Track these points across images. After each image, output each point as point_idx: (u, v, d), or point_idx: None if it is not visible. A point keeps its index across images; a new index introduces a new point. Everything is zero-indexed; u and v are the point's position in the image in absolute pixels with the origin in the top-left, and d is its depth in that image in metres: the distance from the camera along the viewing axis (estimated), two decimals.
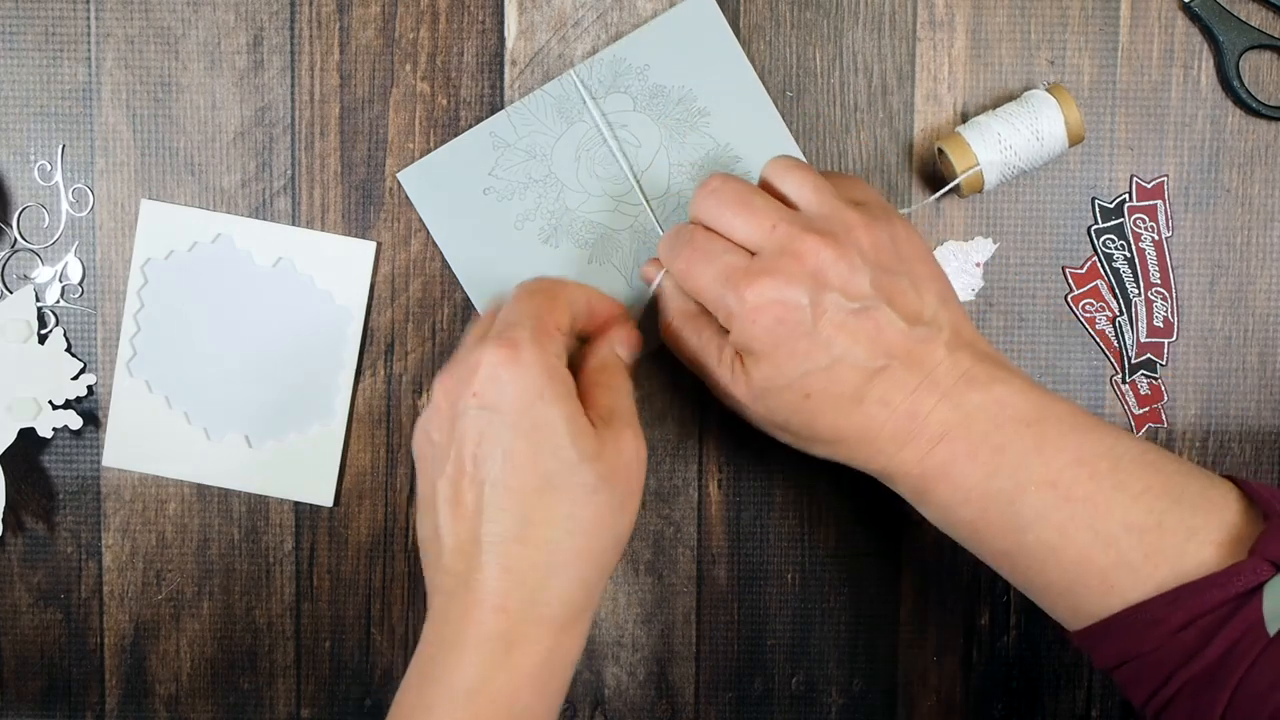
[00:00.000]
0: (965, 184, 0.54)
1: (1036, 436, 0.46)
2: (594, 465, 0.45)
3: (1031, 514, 0.46)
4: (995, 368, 0.48)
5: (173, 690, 0.60)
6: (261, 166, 0.57)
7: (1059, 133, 0.54)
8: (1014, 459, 0.46)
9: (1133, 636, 0.45)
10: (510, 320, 0.47)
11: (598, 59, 0.56)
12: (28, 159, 0.57)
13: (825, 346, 0.46)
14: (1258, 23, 0.57)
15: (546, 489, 0.45)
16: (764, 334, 0.47)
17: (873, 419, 0.47)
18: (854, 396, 0.47)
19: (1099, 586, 0.45)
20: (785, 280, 0.46)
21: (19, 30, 0.57)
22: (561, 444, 0.45)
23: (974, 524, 0.47)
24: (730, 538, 0.59)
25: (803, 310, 0.46)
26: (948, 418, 0.47)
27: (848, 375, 0.47)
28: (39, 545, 0.59)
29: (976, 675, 0.60)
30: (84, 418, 0.58)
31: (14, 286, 0.58)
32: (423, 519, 0.48)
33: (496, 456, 0.45)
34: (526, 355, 0.45)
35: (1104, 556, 0.45)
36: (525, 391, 0.45)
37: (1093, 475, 0.46)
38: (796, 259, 0.46)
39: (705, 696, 0.60)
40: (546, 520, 0.45)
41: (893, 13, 0.57)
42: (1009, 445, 0.46)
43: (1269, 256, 0.58)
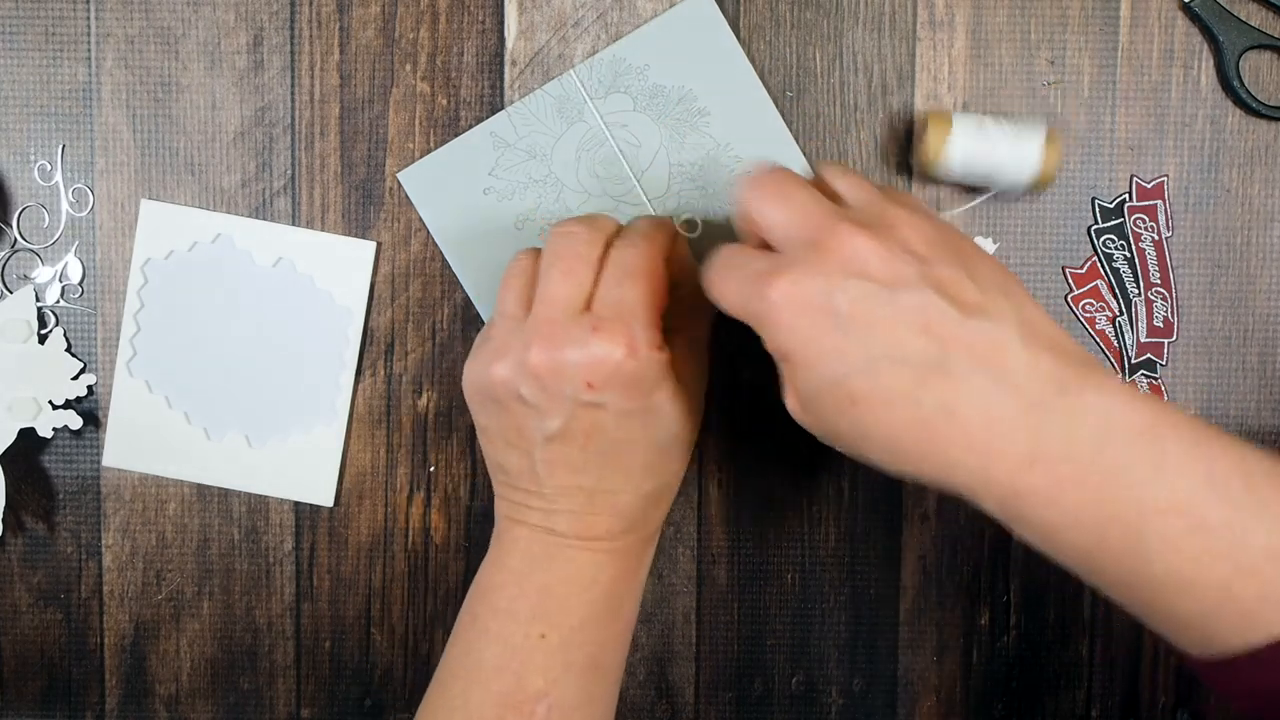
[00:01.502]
0: (930, 148, 0.54)
1: (1155, 455, 0.40)
2: (689, 420, 0.50)
3: (1159, 543, 0.39)
4: (1088, 371, 0.41)
5: (173, 690, 0.60)
6: (261, 166, 0.57)
7: (1033, 157, 0.53)
8: (1132, 482, 0.40)
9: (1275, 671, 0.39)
10: (627, 308, 0.47)
11: (598, 59, 0.56)
12: (28, 159, 0.57)
13: (861, 342, 0.41)
14: (1258, 23, 0.57)
15: (651, 453, 0.50)
16: (789, 334, 0.42)
17: (936, 431, 0.41)
18: (908, 401, 0.41)
19: (1240, 621, 0.39)
20: (807, 272, 0.42)
21: (19, 30, 0.57)
22: (667, 422, 0.49)
23: (1088, 551, 0.41)
24: (730, 538, 0.59)
25: (829, 304, 0.41)
26: (1041, 432, 0.40)
27: (895, 376, 0.41)
28: (39, 545, 0.59)
29: (976, 675, 0.60)
30: (84, 418, 0.58)
31: (14, 286, 0.58)
32: (507, 451, 0.50)
33: (608, 437, 0.48)
34: (644, 355, 0.47)
35: (1246, 589, 0.39)
36: (640, 388, 0.47)
37: (1225, 498, 0.39)
38: (824, 251, 0.42)
39: (705, 696, 0.60)
40: (648, 475, 0.50)
41: (893, 13, 0.57)
42: (1123, 468, 0.40)
43: (1269, 256, 0.58)
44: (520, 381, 0.48)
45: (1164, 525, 0.39)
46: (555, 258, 0.48)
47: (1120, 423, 0.40)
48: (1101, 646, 0.59)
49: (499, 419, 0.50)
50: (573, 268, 0.48)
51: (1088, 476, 0.40)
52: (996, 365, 0.40)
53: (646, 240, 0.49)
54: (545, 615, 0.49)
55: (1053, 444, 0.40)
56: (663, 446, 0.50)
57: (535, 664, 0.49)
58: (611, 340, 0.46)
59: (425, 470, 0.59)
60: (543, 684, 0.49)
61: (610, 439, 0.48)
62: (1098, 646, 0.59)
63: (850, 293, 0.41)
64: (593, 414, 0.47)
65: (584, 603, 0.50)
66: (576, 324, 0.47)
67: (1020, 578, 0.59)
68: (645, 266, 0.48)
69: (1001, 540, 0.59)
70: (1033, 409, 0.40)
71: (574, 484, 0.49)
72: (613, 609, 0.51)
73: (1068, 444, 0.40)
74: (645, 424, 0.49)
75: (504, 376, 0.48)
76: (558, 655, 0.49)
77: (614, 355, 0.46)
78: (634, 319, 0.47)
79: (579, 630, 0.49)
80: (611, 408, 0.47)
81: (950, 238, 0.43)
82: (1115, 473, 0.40)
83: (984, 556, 0.59)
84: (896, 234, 0.42)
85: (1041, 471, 0.40)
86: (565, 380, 0.47)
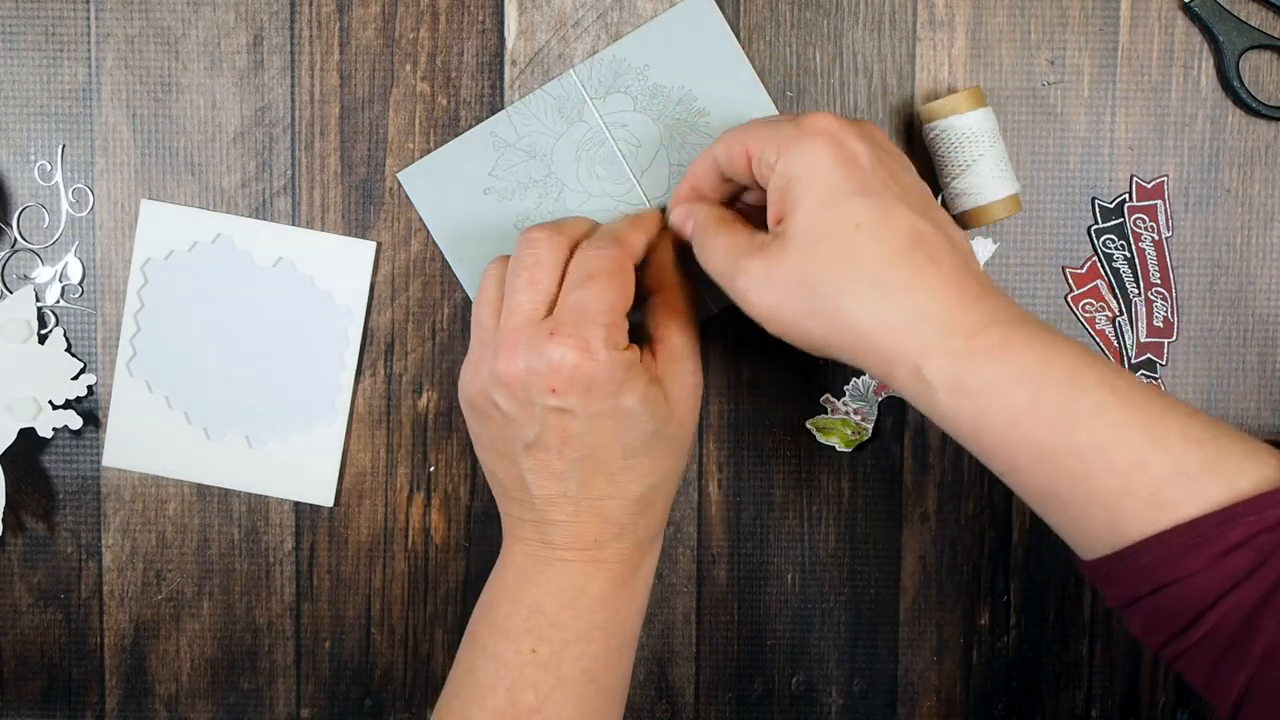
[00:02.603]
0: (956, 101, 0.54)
1: (1087, 351, 0.45)
2: (667, 425, 0.50)
3: (1089, 407, 0.43)
4: None
5: (173, 690, 0.60)
6: (261, 166, 0.57)
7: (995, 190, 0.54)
8: (1070, 359, 0.44)
9: (1178, 558, 0.41)
10: (584, 311, 0.48)
11: (598, 59, 0.56)
12: (28, 159, 0.57)
13: (879, 180, 0.45)
14: (1258, 23, 0.57)
15: (629, 455, 0.49)
16: (819, 153, 0.46)
17: (922, 273, 0.44)
18: (905, 244, 0.45)
19: (1149, 499, 0.42)
20: (843, 122, 0.47)
21: (19, 30, 0.57)
22: (639, 422, 0.49)
23: (1020, 415, 0.43)
24: (730, 538, 0.59)
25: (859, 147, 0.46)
26: (996, 308, 0.45)
27: (903, 218, 0.45)
28: (39, 545, 0.59)
29: (976, 675, 0.60)
30: (84, 418, 0.58)
31: (14, 286, 0.58)
32: (498, 460, 0.51)
33: (581, 442, 0.48)
34: (601, 356, 0.48)
35: (1159, 464, 0.42)
36: (603, 389, 0.48)
37: (1145, 390, 0.44)
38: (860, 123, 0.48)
39: (705, 696, 0.60)
40: (632, 478, 0.50)
41: (893, 13, 0.57)
42: (1062, 345, 0.44)
43: (1269, 256, 0.58)
44: (494, 392, 0.49)
45: (1096, 392, 0.43)
46: (520, 266, 0.49)
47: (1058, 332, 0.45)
48: (1101, 646, 0.59)
49: (485, 429, 0.51)
50: (535, 276, 0.49)
51: (1035, 341, 0.44)
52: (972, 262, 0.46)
53: (614, 242, 0.50)
54: (536, 630, 0.50)
55: (1007, 315, 0.45)
56: (640, 447, 0.49)
57: (527, 680, 0.49)
58: (566, 343, 0.47)
59: (425, 470, 0.59)
60: (534, 700, 0.49)
61: (584, 443, 0.49)
62: (1098, 646, 0.59)
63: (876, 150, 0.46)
64: (562, 419, 0.48)
65: (575, 615, 0.50)
66: (536, 330, 0.48)
67: (1020, 578, 0.59)
68: (608, 267, 0.49)
69: (1001, 540, 0.59)
70: (992, 294, 0.45)
71: (558, 492, 0.50)
72: (608, 622, 0.51)
73: (1020, 319, 0.45)
74: (617, 426, 0.49)
75: (480, 388, 0.50)
76: (549, 670, 0.49)
77: (569, 358, 0.47)
78: (591, 321, 0.48)
79: (571, 644, 0.50)
80: (579, 411, 0.48)
81: None
82: (1057, 346, 0.44)
83: (984, 556, 0.59)
84: None
85: (997, 331, 0.44)
86: (531, 388, 0.48)
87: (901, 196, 0.46)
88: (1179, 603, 0.42)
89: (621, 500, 0.50)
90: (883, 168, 0.46)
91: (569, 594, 0.50)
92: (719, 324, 0.58)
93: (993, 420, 0.44)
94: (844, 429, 0.58)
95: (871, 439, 0.58)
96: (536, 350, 0.47)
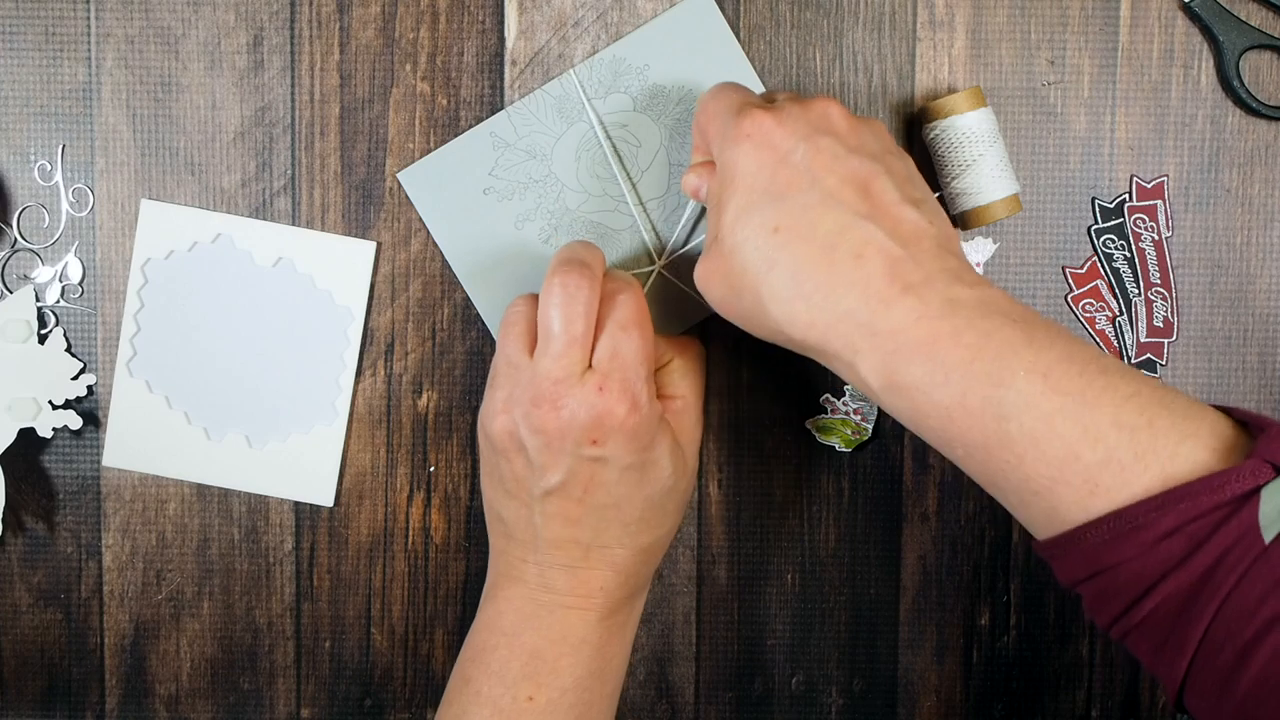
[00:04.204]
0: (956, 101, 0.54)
1: (1025, 332, 0.43)
2: (682, 480, 0.52)
3: (1018, 400, 0.42)
4: (982, 279, 0.46)
5: (173, 690, 0.60)
6: (261, 166, 0.57)
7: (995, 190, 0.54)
8: (1001, 344, 0.43)
9: (1112, 544, 0.42)
10: (625, 362, 0.48)
11: (598, 59, 0.56)
12: (28, 159, 0.57)
13: (806, 180, 0.45)
14: (1258, 23, 0.57)
15: (648, 507, 0.51)
16: (746, 155, 0.46)
17: (840, 273, 0.44)
18: (824, 242, 0.44)
19: (1082, 486, 0.42)
20: (788, 116, 0.46)
21: (19, 30, 0.57)
22: (663, 474, 0.51)
23: (950, 410, 0.43)
24: (730, 538, 0.59)
25: (793, 146, 0.45)
26: (929, 298, 0.43)
27: (824, 216, 0.44)
28: (39, 545, 0.59)
29: (976, 675, 0.60)
30: (84, 418, 0.58)
31: (14, 286, 0.58)
32: (506, 500, 0.51)
33: (607, 491, 0.49)
34: (646, 412, 0.49)
35: (1091, 453, 0.42)
36: (641, 442, 0.49)
37: (1082, 373, 0.43)
38: (806, 107, 0.46)
39: (705, 696, 0.60)
40: (644, 529, 0.51)
41: (893, 13, 0.57)
42: (996, 333, 0.43)
43: (1269, 256, 0.58)
44: (525, 436, 0.49)
45: (1025, 385, 0.42)
46: (553, 306, 0.49)
47: (999, 308, 0.44)
48: (1101, 646, 0.59)
49: (501, 468, 0.51)
50: (571, 318, 0.48)
51: (964, 335, 0.43)
52: (911, 245, 0.44)
53: (634, 290, 0.51)
54: (534, 676, 0.50)
55: (937, 307, 0.43)
56: (659, 501, 0.51)
57: None
58: (617, 397, 0.48)
59: (425, 470, 0.59)
60: None
61: (609, 493, 0.49)
62: (1098, 646, 0.59)
63: (815, 143, 0.45)
64: (593, 468, 0.49)
65: (574, 664, 0.50)
66: (581, 383, 0.48)
67: (1020, 578, 0.59)
68: (638, 317, 0.50)
69: (1001, 540, 0.59)
70: (928, 281, 0.44)
71: (570, 537, 0.50)
72: (602, 669, 0.52)
73: (950, 309, 0.43)
74: (643, 477, 0.50)
75: (507, 428, 0.50)
76: (545, 717, 0.50)
77: (618, 411, 0.48)
78: (634, 374, 0.48)
79: (569, 692, 0.50)
80: (614, 462, 0.49)
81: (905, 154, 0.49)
82: (988, 335, 0.43)
83: (984, 556, 0.59)
84: (868, 123, 0.48)
85: (923, 327, 0.43)
86: (569, 438, 0.48)
87: (835, 188, 0.45)
88: (1117, 586, 0.42)
89: (631, 550, 0.51)
90: (819, 157, 0.45)
91: (569, 641, 0.50)
92: (719, 324, 0.58)
93: (925, 415, 0.44)
94: (844, 429, 0.58)
95: (871, 439, 0.58)
96: (586, 403, 0.48)
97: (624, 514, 0.50)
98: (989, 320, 0.43)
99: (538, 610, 0.51)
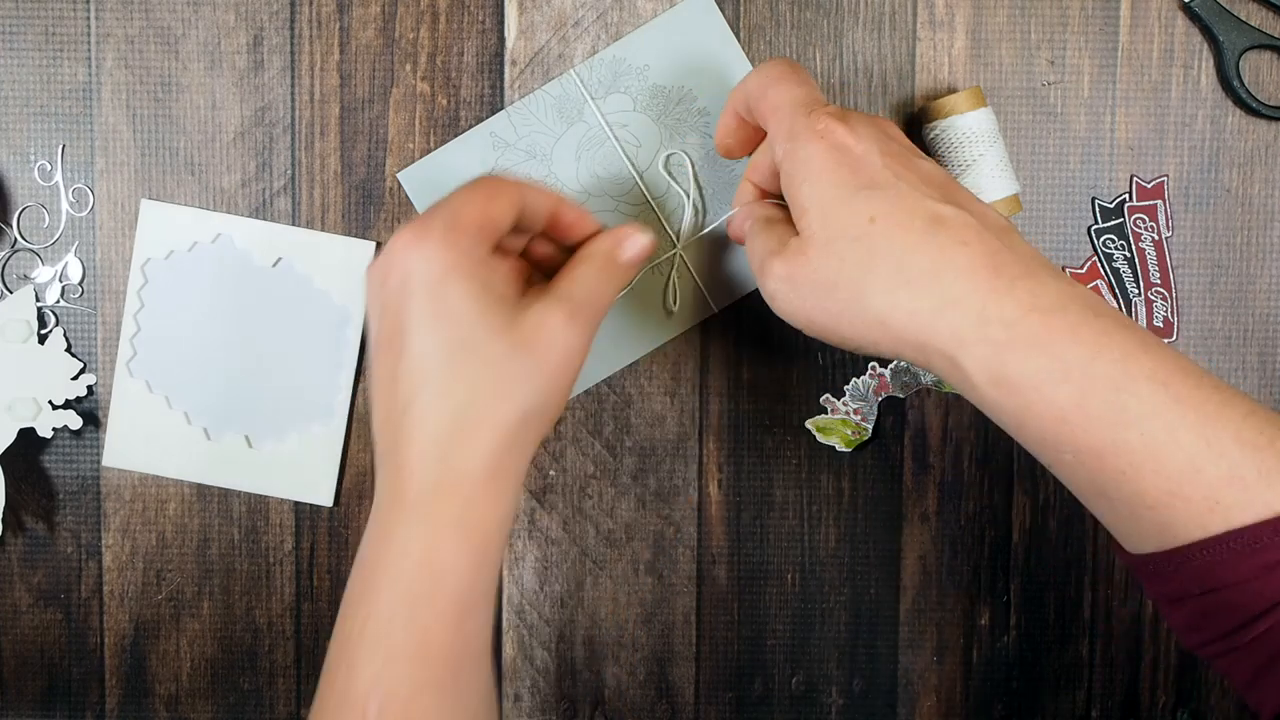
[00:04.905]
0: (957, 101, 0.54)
1: (1138, 336, 0.41)
2: (504, 335, 0.45)
3: (1140, 408, 0.40)
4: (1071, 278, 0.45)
5: (173, 690, 0.60)
6: (261, 166, 0.57)
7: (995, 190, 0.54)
8: (1121, 347, 0.41)
9: (1228, 563, 0.40)
10: (431, 210, 0.46)
11: (598, 59, 0.56)
12: (28, 159, 0.57)
13: (889, 173, 0.44)
14: (1258, 23, 0.57)
15: (456, 351, 0.45)
16: (822, 155, 0.45)
17: (948, 257, 0.42)
18: (925, 227, 0.43)
19: (1202, 502, 0.40)
20: (853, 123, 0.45)
21: (19, 30, 0.57)
22: (467, 317, 0.45)
23: (1066, 412, 0.41)
24: (730, 538, 0.59)
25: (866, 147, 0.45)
26: (1039, 291, 0.42)
27: (919, 203, 0.43)
28: (39, 545, 0.59)
29: (976, 675, 0.60)
30: (84, 418, 0.58)
31: (14, 286, 0.58)
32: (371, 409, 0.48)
33: (410, 327, 0.45)
34: (433, 238, 0.45)
35: (1215, 468, 0.40)
36: (429, 271, 0.45)
37: (1199, 386, 0.41)
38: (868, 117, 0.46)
39: (705, 696, 0.60)
40: (455, 382, 0.45)
41: (893, 13, 0.57)
42: (1113, 333, 0.41)
43: (1269, 256, 0.58)
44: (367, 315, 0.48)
45: (1148, 391, 0.40)
46: None
47: (1108, 309, 0.42)
48: (1101, 646, 0.59)
49: None
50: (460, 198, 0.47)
51: (1081, 331, 0.41)
52: (1005, 237, 0.43)
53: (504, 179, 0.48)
54: (367, 598, 0.45)
55: (1050, 300, 0.42)
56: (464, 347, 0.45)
57: (362, 655, 0.44)
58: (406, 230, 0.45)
59: None
60: (369, 676, 0.44)
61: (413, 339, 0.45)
62: (1098, 646, 0.59)
63: (887, 146, 0.45)
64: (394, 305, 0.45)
65: (396, 578, 0.44)
66: None
67: (1020, 578, 0.59)
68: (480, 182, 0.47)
69: (1001, 540, 0.59)
70: (1032, 274, 0.42)
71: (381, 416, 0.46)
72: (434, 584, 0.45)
73: (1064, 304, 0.42)
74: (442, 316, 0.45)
75: None
76: (380, 642, 0.44)
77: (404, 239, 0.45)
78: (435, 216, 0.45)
79: (399, 611, 0.44)
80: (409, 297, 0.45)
81: None
82: (1107, 334, 0.41)
83: (984, 556, 0.59)
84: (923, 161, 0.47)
85: (1039, 319, 0.41)
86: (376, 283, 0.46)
87: (916, 184, 0.44)
88: (1227, 607, 0.41)
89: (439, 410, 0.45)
90: (895, 160, 0.45)
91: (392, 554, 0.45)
92: (719, 324, 0.58)
93: (1036, 415, 0.42)
94: (844, 429, 0.58)
95: (871, 439, 0.58)
96: None
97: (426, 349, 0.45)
98: (1101, 319, 0.42)
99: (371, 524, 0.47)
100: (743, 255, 0.57)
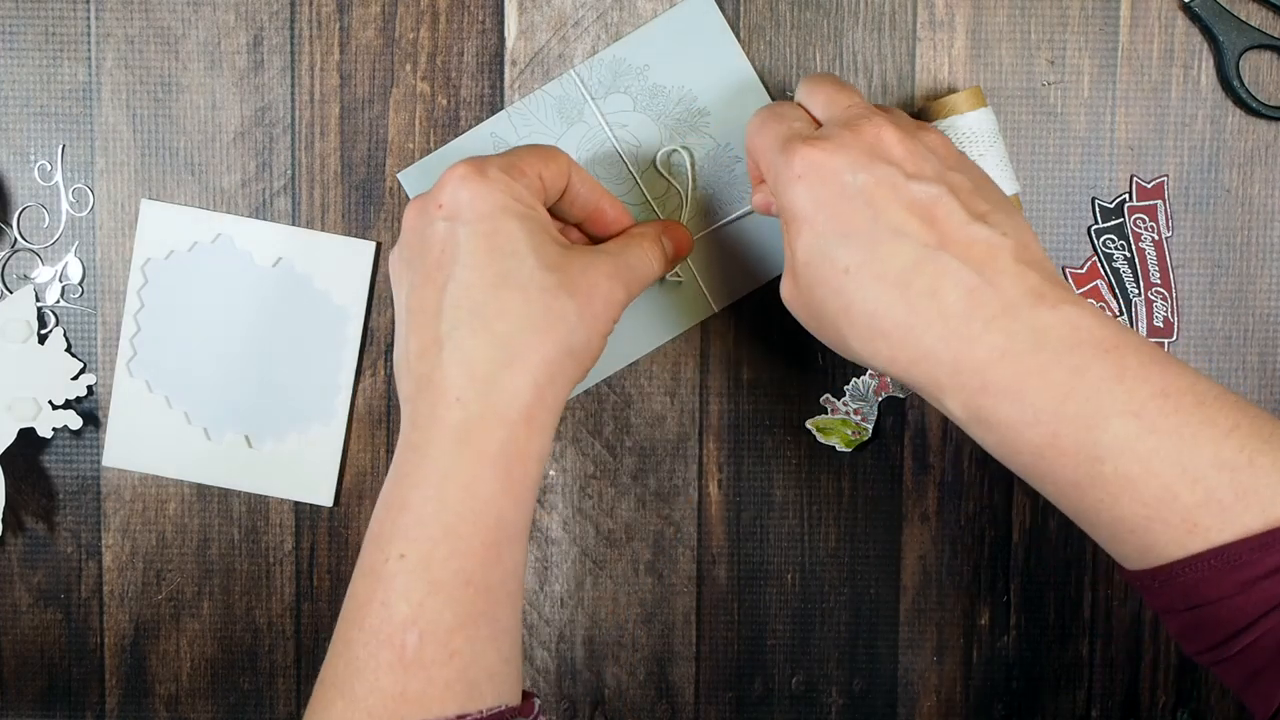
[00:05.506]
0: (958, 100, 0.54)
1: (1116, 364, 0.42)
2: (552, 273, 0.46)
3: (1112, 443, 0.41)
4: (1065, 290, 0.44)
5: (173, 690, 0.60)
6: (261, 166, 0.57)
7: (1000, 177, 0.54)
8: (1093, 384, 0.42)
9: (1210, 580, 0.41)
10: (486, 156, 0.48)
11: (598, 59, 0.56)
12: (28, 159, 0.57)
13: (868, 215, 0.43)
14: (1258, 23, 0.57)
15: (502, 284, 0.45)
16: (805, 195, 0.45)
17: (918, 312, 0.43)
18: (897, 280, 0.43)
19: (1180, 525, 0.41)
20: (839, 146, 0.44)
21: (19, 30, 0.57)
22: (519, 249, 0.46)
23: (1041, 450, 0.42)
24: (730, 538, 0.59)
25: (850, 178, 0.44)
26: (1014, 330, 0.42)
27: (891, 251, 0.43)
28: (39, 545, 0.59)
29: (976, 675, 0.60)
30: (84, 418, 0.58)
31: (14, 286, 0.58)
32: (396, 344, 0.49)
33: (457, 258, 0.46)
34: (492, 174, 0.46)
35: (1190, 494, 0.41)
36: (487, 203, 0.46)
37: (1178, 409, 0.41)
38: (858, 133, 0.45)
39: (705, 696, 0.60)
40: (500, 314, 0.45)
41: (893, 13, 0.57)
42: (1087, 369, 0.42)
43: (1269, 256, 0.58)
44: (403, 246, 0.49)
45: (1119, 426, 0.41)
46: None
47: (1088, 335, 0.42)
48: (1101, 646, 0.59)
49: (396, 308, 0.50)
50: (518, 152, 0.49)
51: (1052, 373, 0.42)
52: (988, 268, 0.43)
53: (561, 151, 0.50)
54: (402, 531, 0.44)
55: (1023, 342, 0.42)
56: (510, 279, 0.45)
57: (398, 589, 0.44)
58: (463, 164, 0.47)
59: None
60: (408, 610, 0.43)
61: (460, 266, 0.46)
62: (1098, 646, 0.59)
63: (873, 173, 0.44)
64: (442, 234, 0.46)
65: (437, 510, 0.44)
66: None
67: (1020, 578, 0.59)
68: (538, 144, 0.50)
69: (1001, 540, 0.59)
70: (1010, 310, 0.42)
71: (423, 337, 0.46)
72: (476, 515, 0.44)
73: (1037, 343, 0.42)
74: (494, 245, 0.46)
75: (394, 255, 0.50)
76: (420, 575, 0.44)
77: (462, 171, 0.46)
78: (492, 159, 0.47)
79: (441, 543, 0.44)
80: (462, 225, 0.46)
81: (967, 159, 0.47)
82: (1078, 373, 0.42)
83: (984, 556, 0.59)
84: (924, 138, 0.46)
85: (1009, 365, 0.42)
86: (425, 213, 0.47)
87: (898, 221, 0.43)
88: (1213, 621, 0.42)
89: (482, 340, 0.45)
90: (880, 186, 0.44)
91: (430, 485, 0.45)
92: (719, 324, 0.58)
93: (1016, 452, 0.43)
94: (844, 429, 0.58)
95: (871, 439, 0.58)
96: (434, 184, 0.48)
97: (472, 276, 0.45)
98: (1077, 354, 0.42)
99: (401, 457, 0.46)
100: (743, 255, 0.57)
